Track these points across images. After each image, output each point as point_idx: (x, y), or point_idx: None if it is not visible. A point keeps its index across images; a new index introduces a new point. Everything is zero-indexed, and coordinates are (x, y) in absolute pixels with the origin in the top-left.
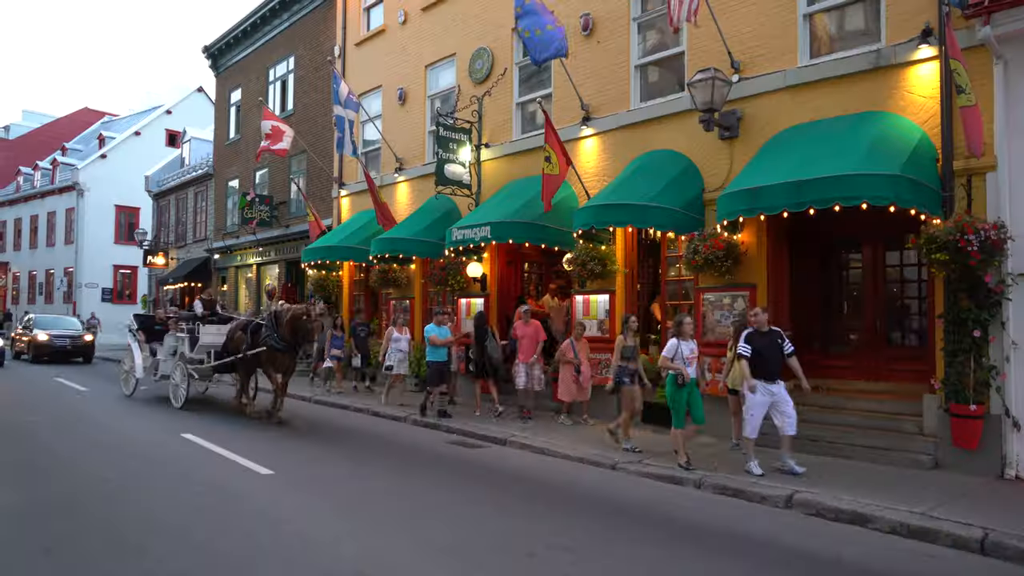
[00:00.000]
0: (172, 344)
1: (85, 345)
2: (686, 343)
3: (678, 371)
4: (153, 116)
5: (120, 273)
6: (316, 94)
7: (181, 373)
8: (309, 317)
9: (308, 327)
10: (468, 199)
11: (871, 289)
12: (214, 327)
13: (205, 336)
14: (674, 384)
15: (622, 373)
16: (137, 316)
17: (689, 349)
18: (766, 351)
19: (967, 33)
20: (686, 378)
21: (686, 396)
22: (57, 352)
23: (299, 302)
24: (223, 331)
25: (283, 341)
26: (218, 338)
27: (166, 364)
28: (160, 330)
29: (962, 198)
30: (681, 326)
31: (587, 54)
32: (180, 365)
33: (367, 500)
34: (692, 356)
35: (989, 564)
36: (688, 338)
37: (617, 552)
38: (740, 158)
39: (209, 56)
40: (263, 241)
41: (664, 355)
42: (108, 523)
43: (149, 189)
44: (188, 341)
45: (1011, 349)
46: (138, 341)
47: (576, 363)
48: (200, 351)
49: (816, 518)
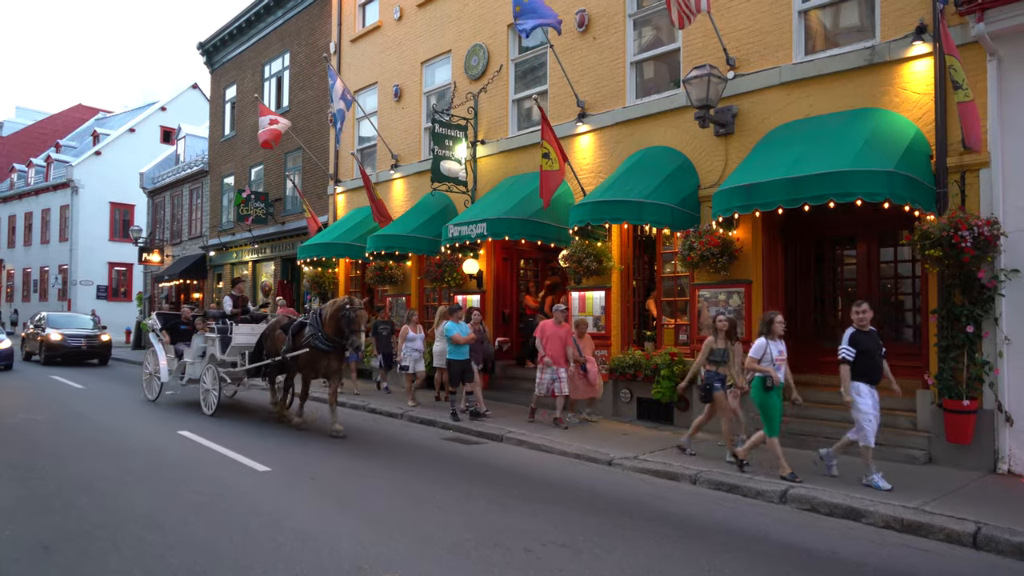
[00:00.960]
0: (201, 345)
1: (101, 346)
2: (775, 343)
3: (767, 374)
4: (148, 113)
5: (115, 270)
6: (312, 91)
7: (212, 377)
8: (352, 305)
9: (352, 316)
10: (464, 196)
11: (865, 285)
12: (247, 326)
13: (238, 336)
14: (762, 388)
15: (713, 379)
16: (161, 315)
17: (778, 350)
18: (872, 352)
19: (961, 30)
20: (775, 382)
21: (778, 401)
22: (71, 353)
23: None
24: (257, 331)
25: (329, 341)
26: (252, 338)
27: (194, 367)
28: (186, 330)
29: (956, 194)
30: (771, 324)
31: (583, 50)
32: (211, 368)
33: (364, 496)
34: (781, 358)
35: (981, 558)
36: (777, 337)
37: (614, 548)
38: (735, 155)
39: (204, 52)
40: (259, 238)
41: (751, 355)
42: (107, 520)
43: (144, 186)
44: (219, 342)
45: (1004, 345)
46: (162, 342)
47: (581, 360)
48: (233, 353)
49: (811, 513)
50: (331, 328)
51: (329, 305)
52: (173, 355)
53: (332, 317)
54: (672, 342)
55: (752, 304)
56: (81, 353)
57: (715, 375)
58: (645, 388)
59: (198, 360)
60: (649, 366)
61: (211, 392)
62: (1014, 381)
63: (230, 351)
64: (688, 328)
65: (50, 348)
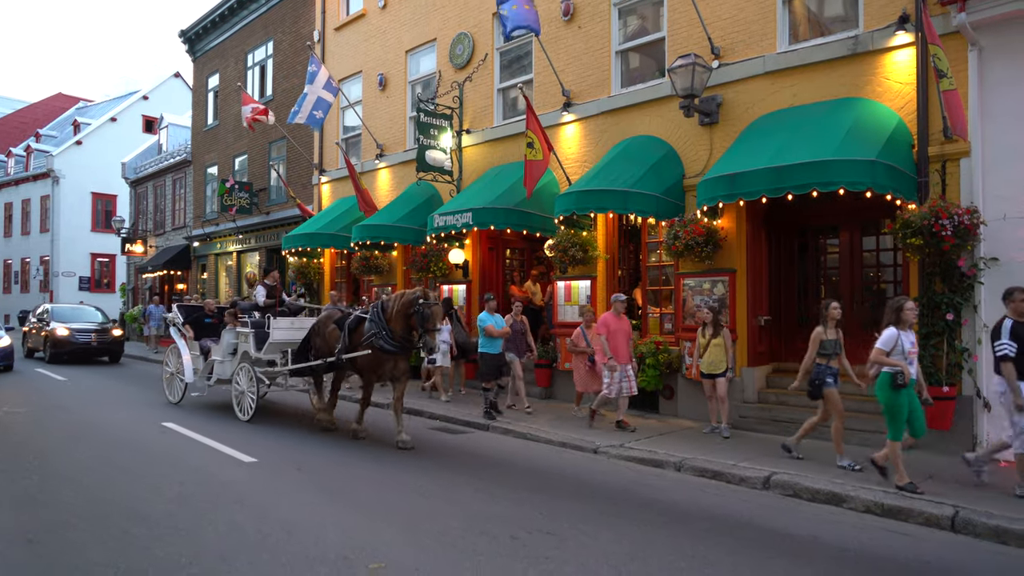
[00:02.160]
0: (231, 341)
1: (113, 341)
2: (906, 334)
3: (898, 369)
4: (129, 102)
5: (98, 261)
6: (296, 79)
7: (247, 377)
8: (427, 300)
9: (427, 313)
10: (450, 185)
11: (848, 274)
12: (286, 320)
13: (277, 331)
14: (891, 385)
15: (823, 373)
16: (182, 307)
17: (910, 342)
18: None
19: (943, 19)
20: (907, 377)
21: (907, 400)
22: (79, 350)
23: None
24: (298, 325)
25: (395, 340)
26: (293, 334)
27: (223, 366)
28: (210, 323)
29: (937, 183)
30: (901, 312)
31: (568, 39)
32: (246, 367)
33: (351, 486)
34: (914, 351)
35: (959, 540)
36: (908, 327)
37: (599, 535)
38: (720, 144)
39: (186, 40)
40: (243, 228)
41: (879, 347)
42: (91, 512)
43: (126, 176)
44: (254, 338)
45: (983, 332)
46: (185, 337)
47: (589, 352)
48: (271, 350)
49: (793, 498)
50: (399, 325)
51: (396, 298)
52: (198, 352)
53: (400, 313)
54: (657, 331)
55: (736, 293)
56: (90, 350)
57: (827, 369)
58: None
59: (228, 358)
60: (634, 355)
61: (246, 395)
62: (992, 368)
63: (268, 348)
64: (673, 317)
65: (56, 344)
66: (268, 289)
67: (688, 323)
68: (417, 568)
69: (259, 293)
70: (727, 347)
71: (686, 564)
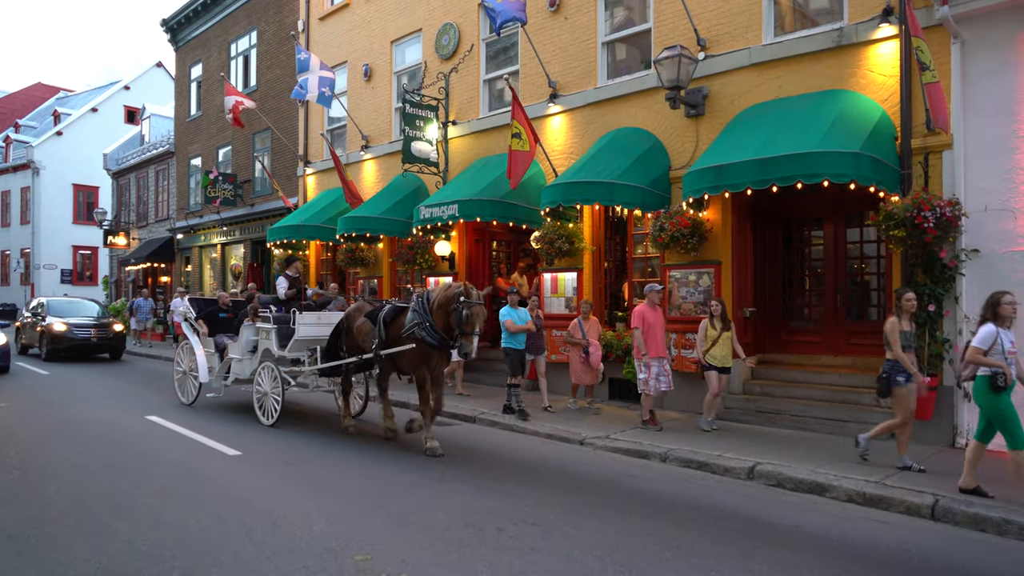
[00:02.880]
0: (251, 338)
1: (114, 337)
2: (1006, 332)
3: (998, 369)
4: (111, 92)
5: (80, 254)
6: (280, 69)
7: (271, 377)
8: (469, 299)
9: (466, 313)
10: (436, 177)
11: (832, 265)
12: (312, 315)
13: (303, 328)
14: (990, 388)
15: (895, 369)
16: (195, 300)
17: (1010, 340)
18: None
19: (926, 12)
20: (1008, 379)
21: (1010, 402)
22: (78, 346)
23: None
24: (326, 320)
25: (437, 334)
26: (320, 330)
27: (242, 364)
28: (225, 318)
29: (919, 176)
30: (999, 307)
31: (554, 30)
32: (269, 367)
33: (336, 479)
34: (1014, 350)
35: (939, 529)
36: (1009, 324)
37: (585, 525)
38: (706, 135)
39: (168, 30)
40: (227, 220)
41: (976, 345)
42: (74, 507)
43: (108, 167)
44: (276, 334)
45: (964, 323)
46: (199, 333)
47: (584, 344)
48: (297, 348)
49: (777, 488)
50: (440, 320)
51: (440, 289)
52: (212, 349)
53: (441, 307)
54: None
55: (721, 285)
56: (90, 346)
57: (898, 365)
58: (616, 368)
59: (247, 356)
60: (620, 347)
61: (270, 397)
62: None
63: (293, 346)
64: None
65: (53, 340)
66: (290, 281)
67: (674, 315)
68: (403, 560)
69: (280, 285)
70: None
71: (671, 554)
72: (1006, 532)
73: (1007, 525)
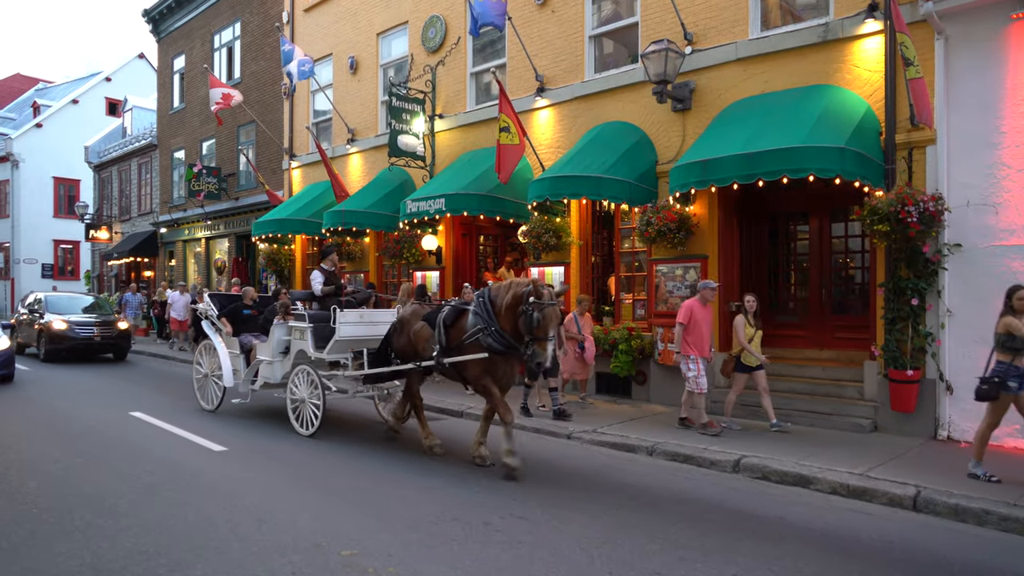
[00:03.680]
0: (283, 338)
1: (118, 336)
2: None
3: None
4: (91, 83)
5: (61, 248)
6: (265, 61)
7: (309, 383)
8: (540, 299)
9: (537, 317)
10: (422, 171)
11: (817, 260)
12: (354, 313)
13: (345, 327)
14: None
15: (1008, 373)
16: (215, 296)
17: None
18: None
19: (910, 8)
20: None
21: None
22: (79, 346)
23: (248, 278)
24: (368, 318)
25: (504, 339)
26: (363, 329)
27: (273, 367)
28: (249, 315)
29: (903, 171)
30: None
31: (541, 23)
32: (305, 370)
33: (323, 474)
34: None
35: (920, 520)
36: None
37: (572, 519)
38: (693, 130)
39: (150, 20)
40: (212, 214)
41: None
42: (56, 504)
43: (89, 160)
44: (313, 334)
45: (946, 316)
46: (222, 333)
47: (580, 339)
48: (337, 349)
49: (762, 481)
50: (508, 323)
51: (504, 288)
52: (238, 350)
53: (509, 308)
54: (630, 317)
55: (708, 279)
56: (92, 346)
57: (1011, 368)
58: (604, 362)
59: (279, 358)
60: (607, 341)
61: (307, 404)
62: (954, 351)
63: (333, 347)
64: (645, 303)
65: (53, 340)
66: (326, 275)
67: (661, 309)
68: (390, 554)
69: (316, 280)
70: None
71: (657, 547)
72: (986, 522)
73: (987, 516)
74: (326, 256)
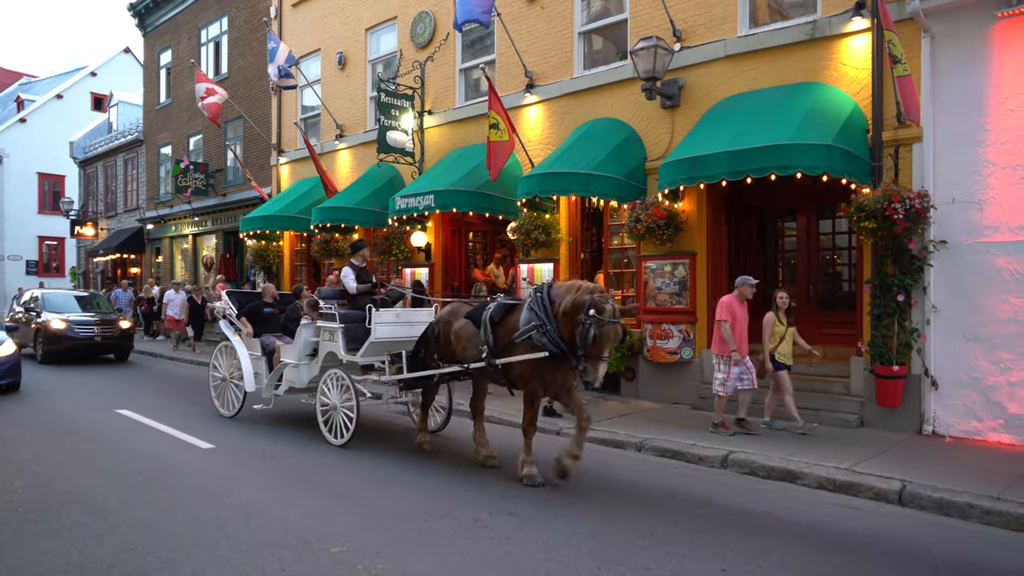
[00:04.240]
0: (311, 339)
1: (120, 336)
2: None
3: None
4: (76, 78)
5: (46, 245)
6: (252, 56)
7: (340, 387)
8: (600, 311)
9: (596, 332)
10: (411, 167)
11: (805, 256)
12: (390, 312)
13: (381, 327)
14: None
15: None
16: (233, 294)
17: None
18: None
19: (897, 6)
20: None
21: None
22: (79, 346)
23: (236, 275)
24: (405, 318)
25: (561, 342)
26: (400, 330)
27: (299, 371)
28: (270, 314)
29: (890, 168)
30: None
31: (531, 20)
32: (337, 374)
33: (312, 472)
34: None
35: (905, 514)
36: None
37: (561, 515)
38: (681, 127)
39: (136, 14)
40: (199, 210)
41: None
42: (43, 503)
43: (74, 156)
44: (344, 335)
45: (931, 312)
46: (241, 333)
47: None
48: (372, 352)
49: (750, 476)
50: (566, 328)
51: (564, 289)
52: (259, 352)
53: (568, 314)
54: None
55: (696, 276)
56: (93, 347)
57: None
58: None
59: (305, 361)
60: None
61: (339, 411)
62: (939, 347)
63: (368, 349)
64: (635, 299)
65: (51, 340)
66: (358, 271)
67: (650, 305)
68: (379, 551)
69: (347, 277)
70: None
71: (646, 542)
72: (969, 516)
73: (970, 509)
74: (357, 251)
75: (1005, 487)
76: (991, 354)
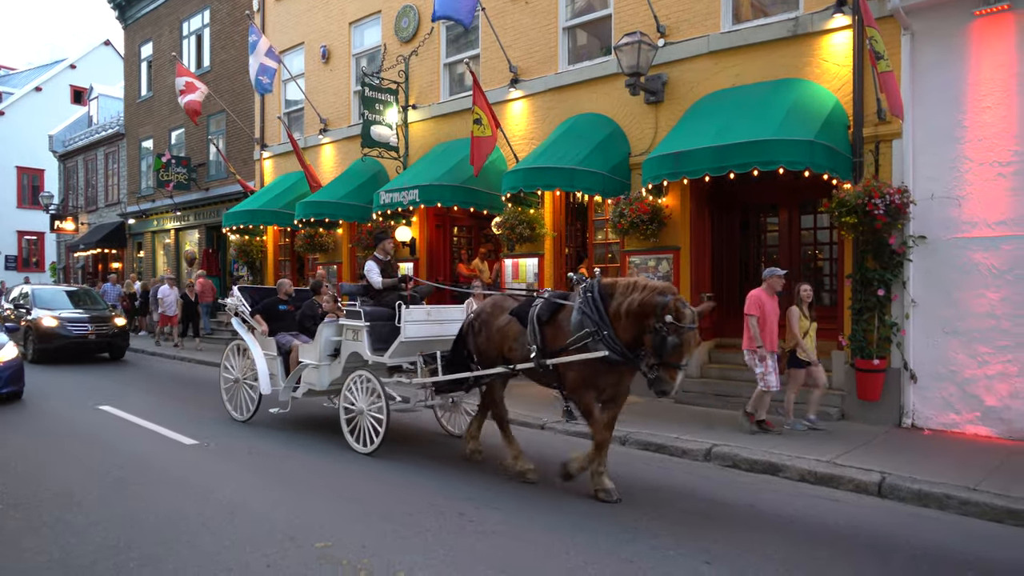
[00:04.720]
0: (333, 339)
1: (116, 334)
2: None
3: None
4: (55, 71)
5: (25, 239)
6: (234, 50)
7: (368, 390)
8: (680, 318)
9: (671, 342)
10: (396, 162)
11: (787, 251)
12: (420, 310)
13: (411, 326)
14: None
15: None
16: (245, 290)
17: None
18: None
19: (878, 4)
20: None
21: None
22: (72, 345)
23: (219, 270)
24: (436, 316)
25: (618, 346)
26: (431, 328)
27: (320, 372)
28: (285, 311)
29: (871, 164)
30: None
31: (515, 14)
32: (364, 377)
33: (298, 468)
34: None
35: (885, 505)
36: None
37: (544, 508)
38: (665, 122)
39: (116, 6)
40: (181, 205)
41: None
42: (23, 500)
43: (54, 149)
44: (369, 334)
45: (911, 307)
46: (255, 332)
47: None
48: (402, 352)
49: (733, 469)
50: (627, 331)
51: (627, 287)
52: (274, 352)
53: (634, 316)
54: None
55: (680, 270)
56: (87, 345)
57: None
58: None
59: (327, 362)
60: None
61: (366, 416)
62: (918, 341)
63: (397, 349)
64: None
65: (42, 338)
66: (381, 265)
67: None
68: (364, 545)
69: (371, 271)
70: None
71: (630, 536)
72: (947, 507)
73: (948, 500)
74: (380, 243)
75: (981, 478)
76: (969, 348)
